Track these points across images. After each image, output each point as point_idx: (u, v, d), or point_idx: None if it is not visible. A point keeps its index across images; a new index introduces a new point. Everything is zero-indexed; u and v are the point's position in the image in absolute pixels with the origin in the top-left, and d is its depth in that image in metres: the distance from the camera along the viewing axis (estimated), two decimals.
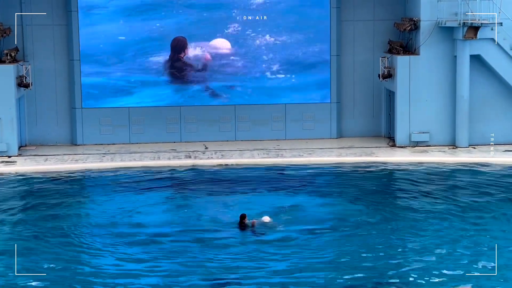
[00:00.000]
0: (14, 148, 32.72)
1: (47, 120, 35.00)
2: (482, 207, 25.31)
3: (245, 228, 22.88)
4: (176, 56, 34.78)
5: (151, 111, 35.16)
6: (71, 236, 22.78)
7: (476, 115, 33.74)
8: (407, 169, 30.67)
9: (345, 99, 36.01)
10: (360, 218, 24.23)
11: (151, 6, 34.60)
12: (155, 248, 21.61)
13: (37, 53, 34.72)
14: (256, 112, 35.51)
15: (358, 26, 35.69)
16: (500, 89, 33.75)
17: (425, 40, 33.47)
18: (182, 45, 34.82)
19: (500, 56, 33.15)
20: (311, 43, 35.29)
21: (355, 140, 35.47)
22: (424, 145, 33.83)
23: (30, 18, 34.40)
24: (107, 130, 35.05)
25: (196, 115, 35.35)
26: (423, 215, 24.51)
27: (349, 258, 20.70)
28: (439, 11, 33.22)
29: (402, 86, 33.76)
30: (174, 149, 33.95)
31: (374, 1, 35.59)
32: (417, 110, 33.78)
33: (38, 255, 21.07)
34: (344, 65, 35.80)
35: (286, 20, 35.11)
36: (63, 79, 34.99)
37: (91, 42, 34.62)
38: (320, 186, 28.76)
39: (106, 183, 29.20)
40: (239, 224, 23.10)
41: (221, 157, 32.45)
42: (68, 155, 33.08)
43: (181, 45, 34.83)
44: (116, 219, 24.44)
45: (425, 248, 21.36)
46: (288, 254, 20.98)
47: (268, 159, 32.10)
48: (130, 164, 31.53)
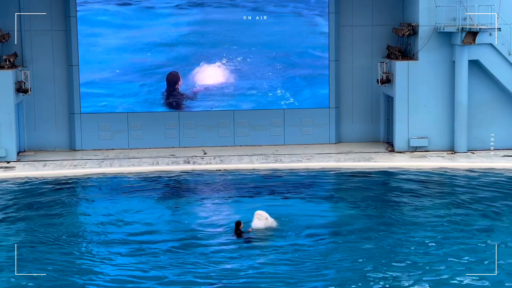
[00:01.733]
0: (13, 153, 32.71)
1: (45, 125, 35.00)
2: (481, 212, 25.30)
3: (240, 236, 22.84)
4: (171, 89, 34.92)
5: (149, 117, 35.17)
6: (69, 242, 22.72)
7: (475, 120, 33.76)
8: (405, 175, 30.67)
9: (343, 104, 36.03)
10: (358, 223, 24.21)
11: (150, 14, 34.72)
12: (151, 254, 21.58)
13: (36, 59, 34.73)
14: (255, 117, 35.52)
15: (357, 31, 35.73)
16: (499, 94, 33.78)
17: (424, 45, 33.50)
18: (175, 79, 34.88)
19: (498, 61, 33.19)
20: (310, 47, 35.37)
21: (353, 145, 35.48)
22: (422, 150, 33.84)
23: (29, 23, 34.43)
24: (106, 135, 35.06)
25: (194, 120, 35.36)
26: (422, 220, 24.50)
27: (348, 264, 20.68)
28: (437, 16, 33.26)
29: (400, 91, 33.78)
30: (173, 154, 33.95)
31: (373, 7, 35.64)
32: (415, 116, 33.80)
33: (35, 262, 21.02)
34: (342, 70, 35.84)
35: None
36: (62, 85, 35.01)
37: (90, 48, 34.64)
38: (318, 191, 28.73)
39: (104, 189, 29.17)
40: (234, 231, 23.06)
41: (220, 162, 32.45)
42: (66, 160, 33.08)
43: (174, 80, 34.89)
44: (114, 225, 24.39)
45: (424, 254, 21.35)
46: (284, 260, 20.90)
47: (267, 164, 32.11)
48: (129, 170, 31.52)
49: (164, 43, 34.87)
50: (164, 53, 34.93)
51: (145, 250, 21.93)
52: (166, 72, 35.07)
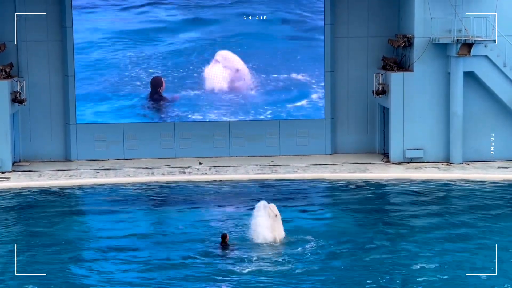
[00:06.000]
0: (8, 164, 32.67)
1: (41, 135, 34.98)
2: (477, 223, 25.33)
3: (227, 248, 22.77)
4: (154, 92, 35.00)
5: (145, 127, 35.17)
6: (62, 252, 22.68)
7: (470, 131, 33.82)
8: (401, 186, 30.69)
9: (339, 115, 36.07)
10: (353, 235, 24.19)
11: (147, 27, 34.84)
12: (141, 263, 21.64)
13: (31, 69, 34.75)
14: (251, 128, 35.54)
15: (352, 42, 35.79)
16: (494, 106, 33.85)
17: (419, 57, 33.58)
18: (158, 83, 34.88)
19: (493, 73, 33.28)
20: (306, 59, 35.45)
21: (349, 156, 35.50)
22: (418, 161, 33.88)
23: (25, 34, 34.46)
24: (101, 146, 35.04)
25: (190, 131, 35.38)
26: (417, 231, 24.53)
27: (341, 275, 20.67)
28: (432, 28, 33.35)
29: (396, 103, 33.84)
30: (169, 165, 33.94)
31: (368, 18, 35.72)
32: (411, 127, 33.85)
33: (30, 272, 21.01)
34: (338, 81, 35.89)
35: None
36: (58, 95, 35.01)
37: (85, 58, 34.66)
38: (313, 202, 28.74)
39: (99, 199, 29.15)
40: (220, 244, 22.98)
41: (215, 173, 32.45)
42: (62, 170, 33.05)
43: (157, 83, 34.89)
44: (108, 237, 24.35)
45: (421, 266, 21.36)
46: (271, 271, 20.85)
47: (262, 175, 32.11)
48: (124, 180, 31.50)
49: (160, 54, 34.89)
50: (161, 65, 34.94)
51: (135, 261, 21.88)
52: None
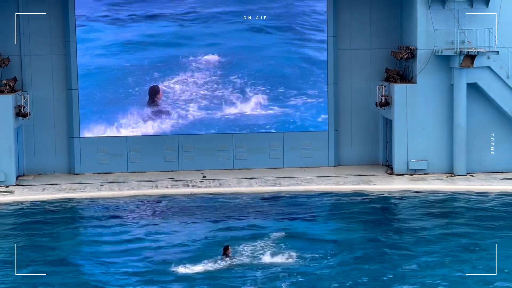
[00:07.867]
0: (12, 178, 32.70)
1: (45, 149, 35.02)
2: (481, 233, 25.30)
3: (228, 259, 22.68)
4: (151, 100, 35.03)
5: (149, 140, 35.21)
6: (66, 264, 22.72)
7: (474, 143, 33.79)
8: (405, 197, 30.66)
9: (342, 127, 36.07)
10: (357, 246, 24.17)
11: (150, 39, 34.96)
12: (145, 274, 21.70)
13: (35, 83, 34.82)
14: (254, 141, 35.55)
15: (355, 54, 35.83)
16: (498, 117, 33.83)
17: (422, 69, 33.60)
18: (155, 92, 34.93)
19: (497, 84, 33.28)
20: (308, 70, 35.50)
21: (353, 168, 35.47)
22: (422, 173, 33.84)
23: (29, 48, 34.55)
24: (105, 159, 35.07)
25: (193, 143, 35.39)
26: (420, 243, 24.47)
27: (345, 287, 20.65)
28: (435, 40, 33.38)
29: (399, 114, 33.83)
30: (172, 178, 33.95)
31: (371, 30, 35.76)
32: (414, 138, 33.83)
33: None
34: (341, 93, 35.91)
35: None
36: (61, 109, 35.06)
37: (89, 72, 34.74)
38: (317, 214, 28.70)
39: (103, 212, 29.17)
40: (222, 255, 22.95)
41: (219, 186, 32.45)
42: (66, 184, 33.08)
43: (154, 92, 34.94)
44: (112, 249, 24.42)
45: (423, 276, 21.33)
46: (275, 284, 20.84)
47: (266, 188, 32.10)
48: (128, 193, 31.53)
49: (164, 65, 35.01)
50: (165, 76, 35.04)
51: (136, 273, 21.92)
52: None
